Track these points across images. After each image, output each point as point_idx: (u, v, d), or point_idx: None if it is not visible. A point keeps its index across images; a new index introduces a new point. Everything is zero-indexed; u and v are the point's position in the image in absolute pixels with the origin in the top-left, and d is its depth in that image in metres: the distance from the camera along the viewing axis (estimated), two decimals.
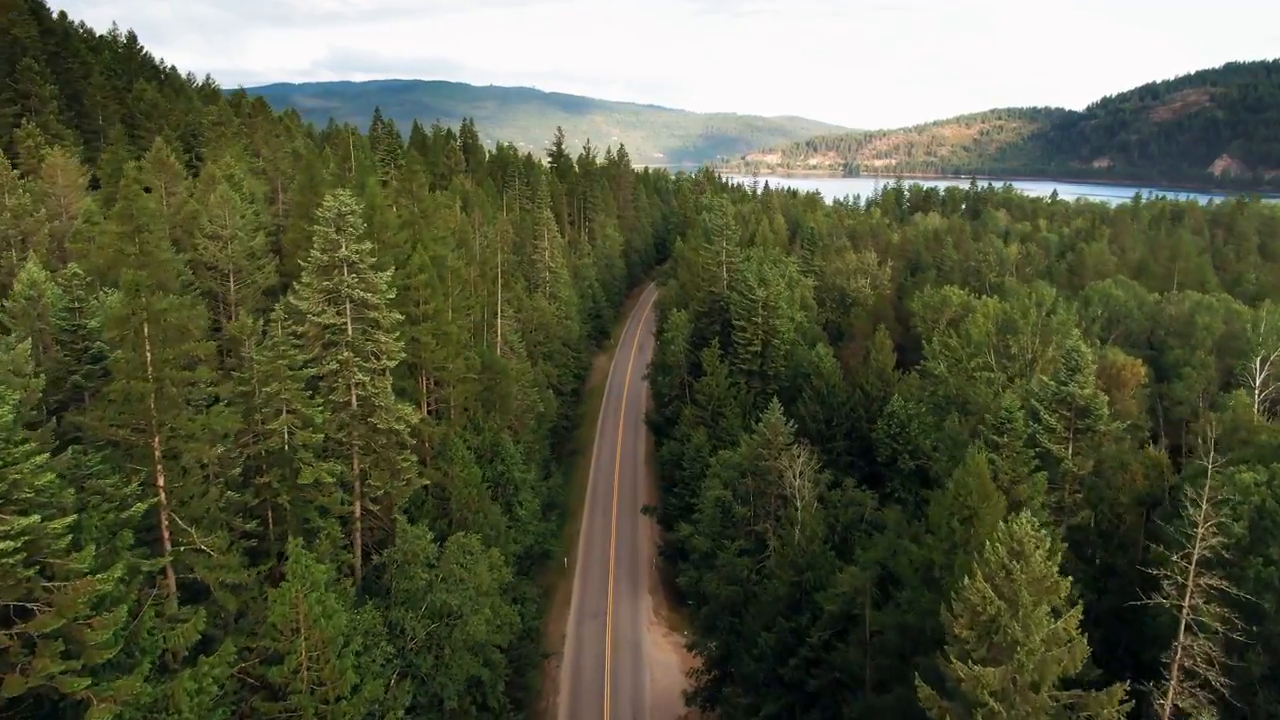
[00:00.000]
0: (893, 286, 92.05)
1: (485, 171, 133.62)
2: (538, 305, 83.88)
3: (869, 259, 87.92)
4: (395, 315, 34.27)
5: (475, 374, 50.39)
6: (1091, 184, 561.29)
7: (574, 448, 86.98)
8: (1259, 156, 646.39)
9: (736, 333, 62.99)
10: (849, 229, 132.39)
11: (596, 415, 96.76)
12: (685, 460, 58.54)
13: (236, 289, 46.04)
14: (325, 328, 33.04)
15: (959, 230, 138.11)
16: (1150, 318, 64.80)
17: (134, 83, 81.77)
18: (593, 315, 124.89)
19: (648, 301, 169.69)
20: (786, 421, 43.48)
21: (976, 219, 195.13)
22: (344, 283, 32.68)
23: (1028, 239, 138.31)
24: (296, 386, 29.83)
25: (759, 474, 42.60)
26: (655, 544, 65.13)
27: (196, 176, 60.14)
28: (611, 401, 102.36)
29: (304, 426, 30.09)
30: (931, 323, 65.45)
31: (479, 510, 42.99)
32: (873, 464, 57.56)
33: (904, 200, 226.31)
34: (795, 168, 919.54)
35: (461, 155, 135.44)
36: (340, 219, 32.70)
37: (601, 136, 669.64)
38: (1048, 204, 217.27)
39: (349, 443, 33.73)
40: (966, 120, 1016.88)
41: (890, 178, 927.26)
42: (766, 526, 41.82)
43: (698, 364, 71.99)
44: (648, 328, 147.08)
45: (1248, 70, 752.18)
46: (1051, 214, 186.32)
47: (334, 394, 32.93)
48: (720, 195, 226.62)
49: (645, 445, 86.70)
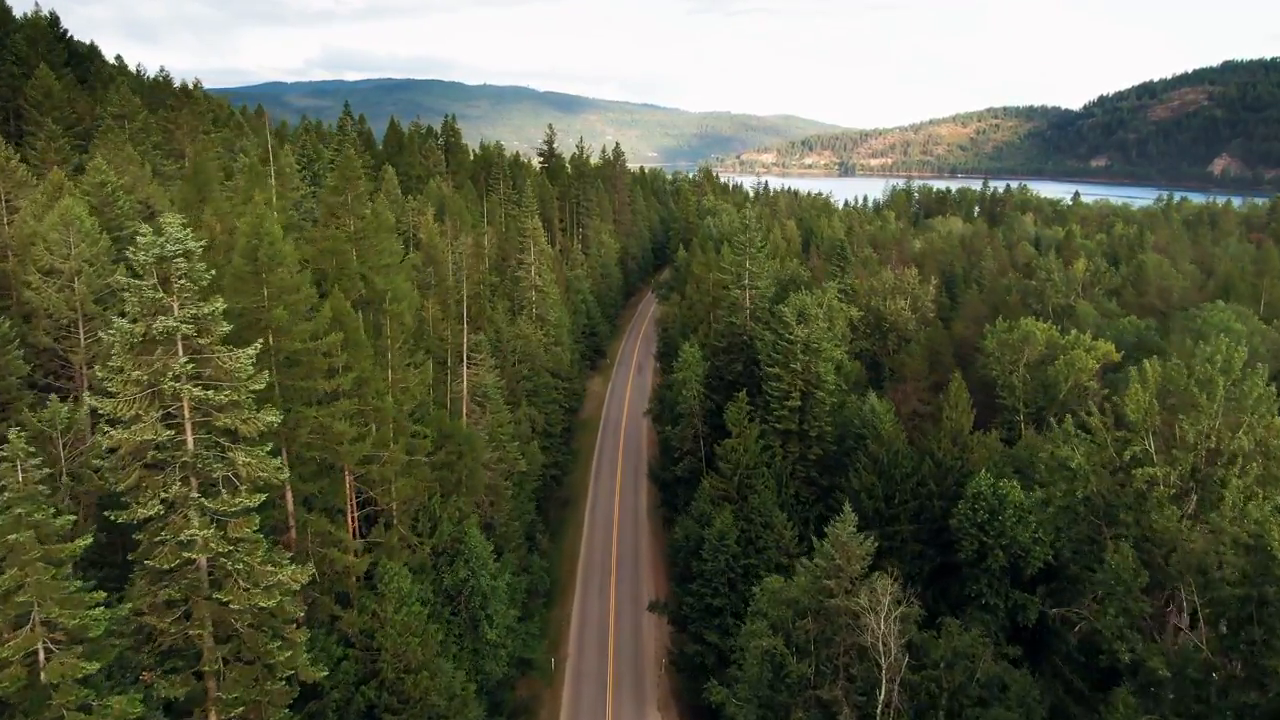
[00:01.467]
0: (935, 308, 78.81)
1: (467, 174, 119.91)
2: (522, 332, 70.38)
3: (908, 277, 74.77)
4: (267, 417, 20.81)
5: (428, 454, 37.01)
6: (1090, 183, 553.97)
7: (564, 497, 73.57)
8: (1258, 156, 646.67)
9: (768, 382, 49.66)
10: (869, 236, 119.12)
11: (591, 456, 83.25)
12: (706, 550, 45.17)
13: (87, 345, 32.59)
14: (143, 445, 19.85)
15: (988, 238, 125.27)
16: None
17: (37, 69, 67.74)
18: (586, 333, 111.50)
19: (646, 312, 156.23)
20: (861, 539, 30.19)
21: (995, 223, 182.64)
22: (170, 371, 19.47)
23: (1071, 247, 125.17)
24: (53, 577, 16.44)
25: (824, 615, 29.56)
26: (665, 647, 51.75)
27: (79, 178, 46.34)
28: (608, 438, 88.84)
29: (71, 644, 16.72)
30: (1010, 365, 52.47)
31: (424, 671, 29.48)
32: (946, 552, 44.65)
33: (913, 201, 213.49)
34: (791, 167, 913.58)
35: (441, 155, 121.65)
36: (164, 264, 19.40)
37: (596, 135, 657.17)
38: (1069, 206, 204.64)
39: (181, 633, 20.45)
40: (963, 119, 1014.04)
41: (887, 177, 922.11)
42: (837, 694, 28.71)
43: (714, 412, 58.50)
44: (647, 344, 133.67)
45: (1246, 69, 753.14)
46: (1081, 218, 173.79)
47: (155, 556, 19.61)
48: (722, 198, 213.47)
49: (647, 498, 73.38)
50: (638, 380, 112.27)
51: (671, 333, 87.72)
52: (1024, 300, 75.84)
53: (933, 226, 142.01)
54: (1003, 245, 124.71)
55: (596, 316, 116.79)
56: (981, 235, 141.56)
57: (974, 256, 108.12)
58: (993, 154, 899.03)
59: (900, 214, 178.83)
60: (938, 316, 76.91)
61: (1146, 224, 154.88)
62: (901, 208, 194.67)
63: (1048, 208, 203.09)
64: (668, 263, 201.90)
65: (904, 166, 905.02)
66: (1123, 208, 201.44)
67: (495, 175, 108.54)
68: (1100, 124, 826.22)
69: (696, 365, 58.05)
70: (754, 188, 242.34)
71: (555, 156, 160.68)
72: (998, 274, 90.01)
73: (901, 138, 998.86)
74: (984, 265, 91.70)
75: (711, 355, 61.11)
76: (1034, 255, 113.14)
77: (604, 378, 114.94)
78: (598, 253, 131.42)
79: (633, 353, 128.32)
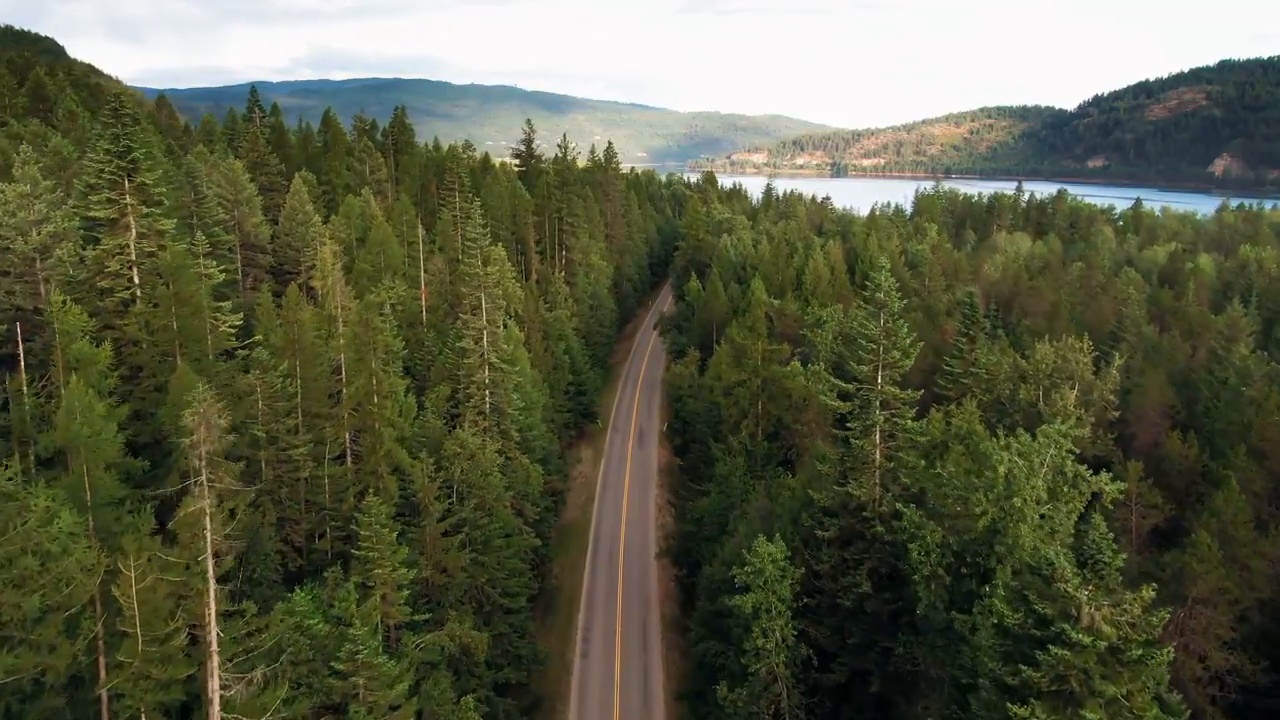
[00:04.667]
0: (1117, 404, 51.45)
1: (415, 182, 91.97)
2: (464, 443, 42.90)
3: (1077, 350, 47.76)
4: None
5: None
6: (1090, 184, 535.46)
7: (532, 699, 46.37)
8: (1260, 156, 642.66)
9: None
10: (938, 261, 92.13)
11: (573, 617, 55.56)
12: None
13: None
14: None
15: (1084, 266, 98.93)
16: None
17: None
18: (573, 392, 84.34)
19: (645, 345, 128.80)
20: None
21: (1042, 234, 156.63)
22: None
23: (1180, 273, 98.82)
24: None
25: None
26: None
27: None
28: (599, 571, 61.36)
29: None
30: None
31: None
32: None
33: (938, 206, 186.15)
34: (782, 167, 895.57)
35: (383, 158, 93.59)
36: None
37: (584, 135, 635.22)
38: (1125, 212, 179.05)
39: None
40: (956, 119, 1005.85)
41: (880, 178, 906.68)
42: None
43: (817, 657, 30.91)
44: (648, 393, 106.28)
45: (1243, 68, 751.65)
46: (1148, 228, 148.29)
47: None
48: (728, 206, 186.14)
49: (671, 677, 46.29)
50: (639, 456, 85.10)
51: (696, 428, 59.92)
52: (1180, 364, 50.26)
53: (996, 245, 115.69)
54: (1102, 271, 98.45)
55: (585, 369, 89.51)
56: (1057, 255, 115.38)
57: (1087, 293, 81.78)
58: (987, 154, 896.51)
59: (939, 224, 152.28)
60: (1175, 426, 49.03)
61: (1244, 233, 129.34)
62: (938, 217, 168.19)
63: (1100, 216, 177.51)
64: (666, 278, 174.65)
65: (897, 167, 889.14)
66: (1187, 216, 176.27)
67: (449, 184, 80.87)
68: (1096, 124, 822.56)
69: (778, 580, 29.79)
70: (765, 191, 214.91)
71: (534, 158, 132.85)
72: (1178, 340, 63.41)
73: (894, 137, 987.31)
74: (1127, 317, 65.34)
75: (805, 541, 33.03)
76: (1157, 290, 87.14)
77: (595, 449, 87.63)
78: (586, 281, 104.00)
79: (631, 406, 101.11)
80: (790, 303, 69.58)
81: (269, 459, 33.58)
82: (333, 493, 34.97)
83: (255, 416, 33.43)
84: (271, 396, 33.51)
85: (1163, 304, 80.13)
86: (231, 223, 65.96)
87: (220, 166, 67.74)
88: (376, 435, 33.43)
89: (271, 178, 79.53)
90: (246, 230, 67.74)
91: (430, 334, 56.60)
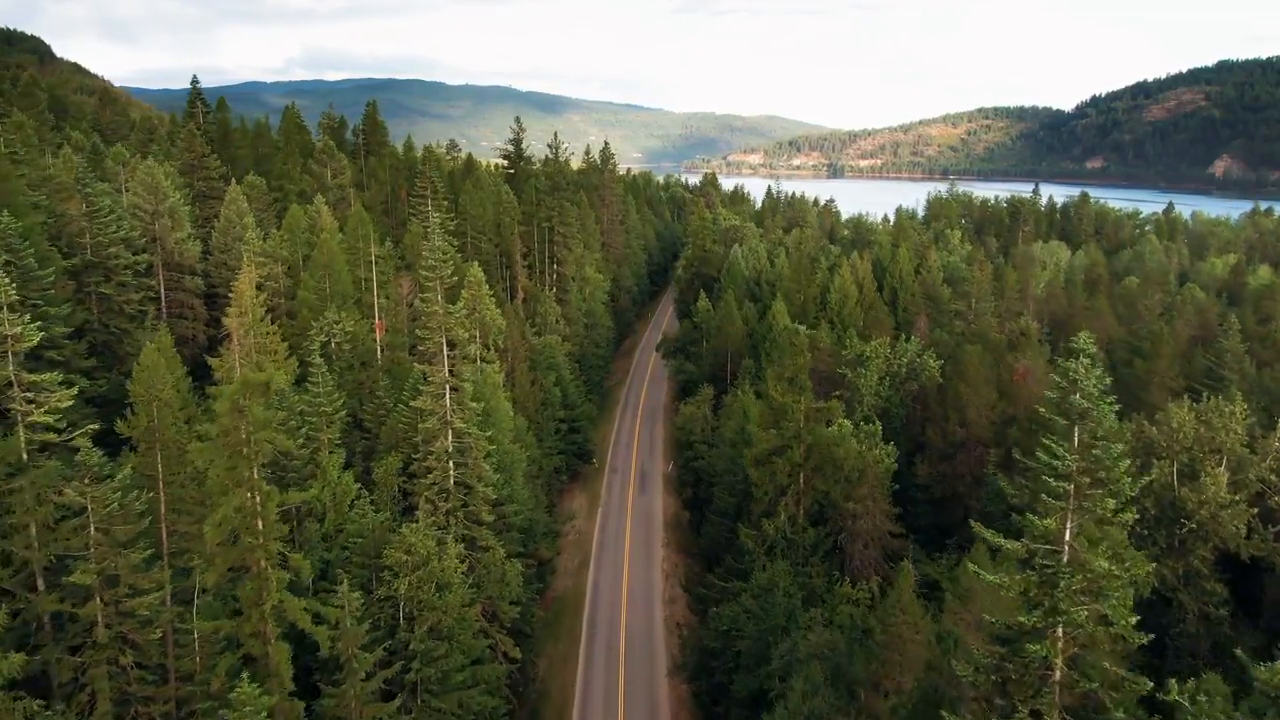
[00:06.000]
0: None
1: (384, 187, 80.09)
2: (412, 548, 31.32)
3: (1227, 415, 36.55)
4: None
5: None
6: (1089, 185, 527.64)
7: None
8: (1260, 157, 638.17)
9: None
10: (972, 276, 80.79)
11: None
12: None
13: None
14: None
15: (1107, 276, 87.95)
16: None
17: None
18: (565, 430, 72.89)
19: (645, 363, 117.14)
20: None
21: (1069, 241, 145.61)
22: None
23: (1244, 285, 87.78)
24: None
25: None
26: None
27: None
28: (596, 668, 49.56)
29: None
30: None
31: None
32: None
33: (954, 211, 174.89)
34: (778, 168, 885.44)
35: (345, 160, 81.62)
36: None
37: (579, 136, 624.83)
38: (1156, 216, 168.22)
39: None
40: (953, 119, 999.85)
41: (877, 178, 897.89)
42: None
43: None
44: (649, 422, 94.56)
45: (1242, 69, 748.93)
46: (1199, 236, 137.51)
47: None
48: (734, 210, 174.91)
49: None
50: (641, 505, 73.55)
51: (714, 491, 48.15)
52: None
53: (1032, 255, 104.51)
54: (1163, 289, 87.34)
55: (579, 402, 77.91)
56: (1102, 267, 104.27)
57: (1149, 315, 70.70)
58: (984, 155, 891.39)
59: (963, 233, 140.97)
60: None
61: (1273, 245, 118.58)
62: (956, 221, 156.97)
63: (1128, 221, 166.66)
64: (666, 286, 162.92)
65: (894, 168, 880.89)
66: (1221, 221, 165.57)
67: (420, 190, 68.86)
68: (1094, 125, 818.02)
69: None
70: (768, 193, 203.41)
71: (524, 159, 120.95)
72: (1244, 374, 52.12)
73: (891, 138, 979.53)
74: (1228, 350, 54.12)
75: None
76: (1233, 311, 76.32)
77: (590, 495, 76.08)
78: (580, 297, 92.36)
79: (631, 440, 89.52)
80: (824, 333, 58.16)
81: (104, 613, 22.11)
82: (204, 657, 23.50)
83: (86, 549, 22.02)
84: (108, 518, 22.11)
85: (1247, 329, 69.03)
86: (147, 239, 54.29)
87: (138, 170, 55.98)
88: (260, 580, 22.11)
89: (211, 183, 67.79)
90: (170, 248, 56.05)
91: (384, 380, 44.98)
